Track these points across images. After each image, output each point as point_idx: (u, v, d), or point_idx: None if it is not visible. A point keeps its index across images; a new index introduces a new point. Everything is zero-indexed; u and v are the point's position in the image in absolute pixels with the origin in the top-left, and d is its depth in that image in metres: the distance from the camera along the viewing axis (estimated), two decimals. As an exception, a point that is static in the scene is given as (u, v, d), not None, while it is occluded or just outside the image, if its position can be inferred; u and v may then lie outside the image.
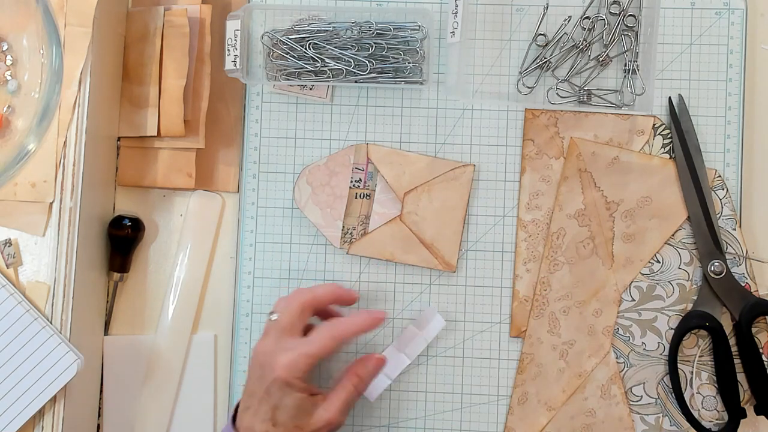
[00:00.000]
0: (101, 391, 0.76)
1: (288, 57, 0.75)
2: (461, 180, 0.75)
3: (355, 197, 0.76)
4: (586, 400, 0.74)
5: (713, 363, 0.74)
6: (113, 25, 0.74)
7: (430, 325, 0.74)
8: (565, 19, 0.75)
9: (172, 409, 0.76)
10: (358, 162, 0.76)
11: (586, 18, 0.75)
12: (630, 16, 0.75)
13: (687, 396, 0.73)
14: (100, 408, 0.76)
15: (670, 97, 0.75)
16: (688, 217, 0.74)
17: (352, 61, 0.74)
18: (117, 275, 0.75)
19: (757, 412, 0.73)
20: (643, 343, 0.74)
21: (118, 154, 0.77)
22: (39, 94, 0.65)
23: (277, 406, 0.65)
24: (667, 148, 0.75)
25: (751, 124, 0.76)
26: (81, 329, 0.70)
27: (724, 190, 0.74)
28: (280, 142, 0.77)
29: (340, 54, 0.74)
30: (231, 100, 0.78)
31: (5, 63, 0.69)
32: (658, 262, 0.74)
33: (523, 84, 0.76)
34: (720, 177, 0.74)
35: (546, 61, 0.75)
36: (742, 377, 0.73)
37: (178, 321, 0.76)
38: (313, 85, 0.76)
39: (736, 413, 0.72)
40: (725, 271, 0.73)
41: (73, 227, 0.68)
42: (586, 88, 0.75)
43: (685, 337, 0.73)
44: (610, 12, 0.75)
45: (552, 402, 0.74)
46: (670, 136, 0.75)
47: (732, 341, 0.73)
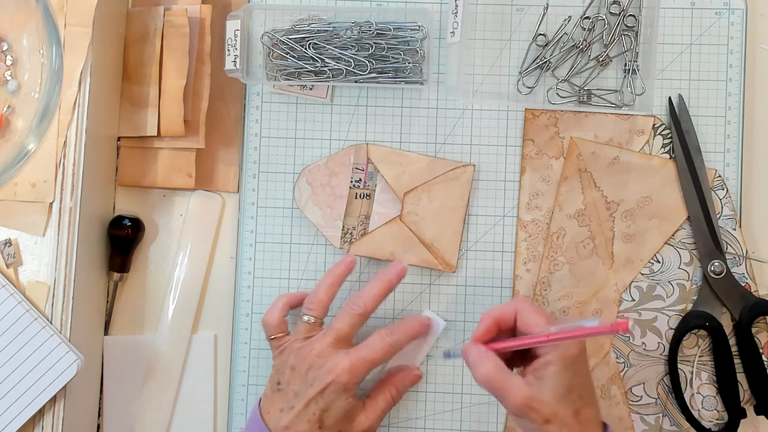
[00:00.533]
0: (101, 391, 0.76)
1: (288, 57, 0.75)
2: (461, 180, 0.75)
3: (355, 197, 0.76)
4: (586, 400, 0.74)
5: (713, 363, 0.74)
6: (113, 25, 0.74)
7: (432, 330, 0.74)
8: (565, 19, 0.75)
9: (172, 409, 0.76)
10: (358, 162, 0.76)
11: (586, 18, 0.75)
12: (630, 16, 0.75)
13: (687, 396, 0.73)
14: (100, 408, 0.76)
15: (670, 97, 0.75)
16: (688, 217, 0.74)
17: (352, 61, 0.74)
18: (117, 275, 0.75)
19: (757, 412, 0.73)
20: (643, 343, 0.74)
21: (118, 154, 0.77)
22: (39, 94, 0.65)
23: (327, 408, 0.66)
24: (667, 148, 0.75)
25: (751, 124, 0.76)
26: (81, 329, 0.70)
27: (724, 190, 0.74)
28: (280, 142, 0.77)
29: (340, 54, 0.74)
30: (231, 100, 0.78)
31: (5, 63, 0.69)
32: (658, 262, 0.74)
33: (523, 84, 0.76)
34: (720, 177, 0.74)
35: (546, 61, 0.75)
36: (742, 377, 0.73)
37: (178, 321, 0.76)
38: (313, 85, 0.76)
39: (736, 413, 0.72)
40: (725, 271, 0.73)
41: (73, 227, 0.68)
42: (586, 88, 0.75)
43: (685, 337, 0.73)
44: (610, 12, 0.75)
45: (552, 402, 0.74)
46: (670, 136, 0.75)
47: (732, 341, 0.73)
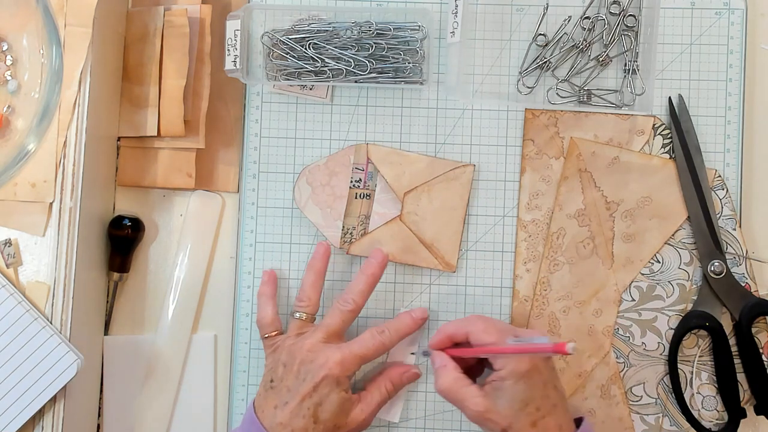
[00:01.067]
0: (101, 391, 0.76)
1: (288, 57, 0.75)
2: (461, 180, 0.75)
3: (355, 197, 0.76)
4: (586, 400, 0.74)
5: (713, 363, 0.74)
6: (113, 25, 0.74)
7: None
8: (565, 19, 0.75)
9: (172, 409, 0.76)
10: (358, 162, 0.76)
11: (586, 18, 0.75)
12: (630, 16, 0.75)
13: (687, 396, 0.73)
14: (100, 408, 0.76)
15: (670, 97, 0.75)
16: (688, 217, 0.74)
17: (352, 61, 0.74)
18: (117, 275, 0.75)
19: (757, 412, 0.73)
20: (643, 343, 0.74)
21: (118, 154, 0.77)
22: (39, 94, 0.65)
23: (321, 403, 0.66)
24: (667, 148, 0.75)
25: (751, 124, 0.76)
26: (81, 329, 0.70)
27: (724, 190, 0.74)
28: (280, 142, 0.77)
29: (340, 54, 0.74)
30: (231, 100, 0.78)
31: (5, 63, 0.69)
32: (658, 262, 0.74)
33: (523, 84, 0.76)
34: (720, 177, 0.74)
35: (546, 61, 0.75)
36: (742, 377, 0.73)
37: (178, 321, 0.76)
38: (313, 85, 0.76)
39: (736, 413, 0.72)
40: (725, 271, 0.73)
41: (73, 227, 0.68)
42: (586, 88, 0.75)
43: (685, 337, 0.73)
44: (610, 12, 0.75)
45: (552, 402, 0.74)
46: (670, 136, 0.75)
47: (732, 341, 0.73)
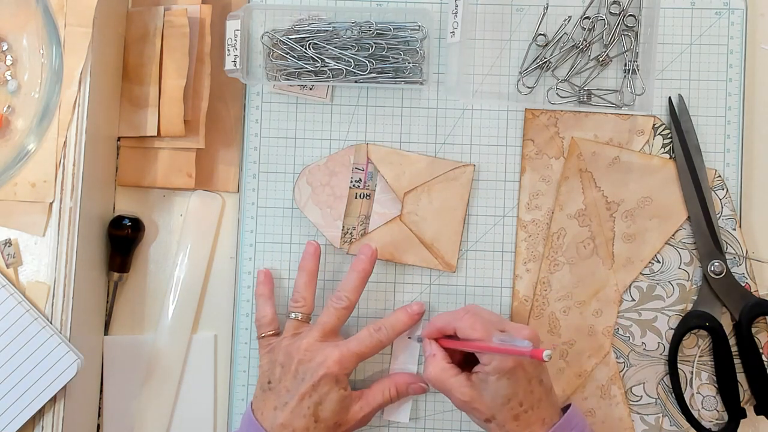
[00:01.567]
0: (101, 391, 0.76)
1: (288, 57, 0.75)
2: (461, 180, 0.75)
3: (355, 197, 0.76)
4: (586, 400, 0.74)
5: (713, 363, 0.74)
6: (113, 25, 0.74)
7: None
8: (565, 19, 0.75)
9: (172, 409, 0.75)
10: (358, 162, 0.76)
11: (586, 18, 0.75)
12: (630, 16, 0.75)
13: (687, 396, 0.73)
14: (100, 408, 0.76)
15: (670, 97, 0.75)
16: (688, 217, 0.74)
17: (352, 61, 0.74)
18: (117, 275, 0.75)
19: (757, 412, 0.73)
20: (643, 343, 0.74)
21: (118, 154, 0.77)
22: (39, 94, 0.65)
23: (321, 401, 0.67)
24: (667, 148, 0.75)
25: (751, 124, 0.76)
26: (81, 329, 0.70)
27: (724, 190, 0.74)
28: (280, 142, 0.77)
29: (340, 54, 0.74)
30: (231, 100, 0.78)
31: (5, 63, 0.69)
32: (658, 262, 0.74)
33: (523, 84, 0.76)
34: (720, 177, 0.74)
35: (546, 61, 0.75)
36: (742, 377, 0.73)
37: (178, 321, 0.76)
38: (313, 85, 0.76)
39: (736, 413, 0.72)
40: (725, 271, 0.73)
41: (73, 227, 0.68)
42: (586, 88, 0.75)
43: (685, 337, 0.73)
44: (610, 12, 0.75)
45: (552, 402, 0.74)
46: (670, 136, 0.75)
47: (732, 341, 0.73)
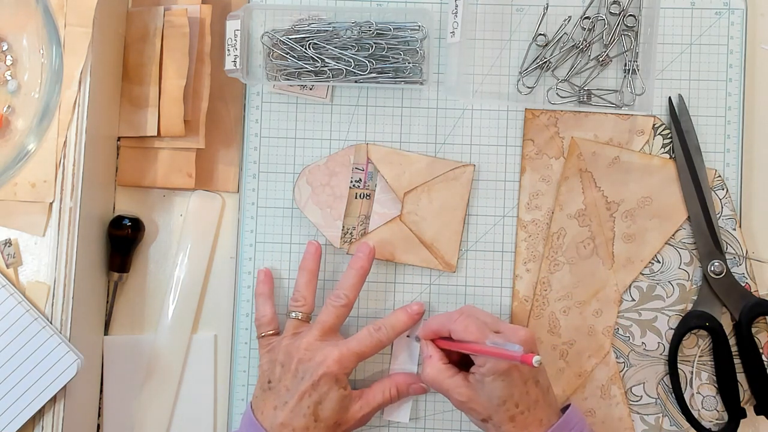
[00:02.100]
0: (101, 391, 0.76)
1: (288, 57, 0.75)
2: (461, 180, 0.75)
3: (355, 197, 0.76)
4: (586, 400, 0.74)
5: (713, 363, 0.74)
6: (113, 25, 0.74)
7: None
8: (565, 19, 0.75)
9: (172, 409, 0.75)
10: (358, 162, 0.76)
11: (586, 18, 0.75)
12: (630, 16, 0.75)
13: (687, 396, 0.73)
14: (100, 408, 0.76)
15: (670, 97, 0.75)
16: (688, 217, 0.74)
17: (352, 61, 0.74)
18: (117, 275, 0.75)
19: (757, 412, 0.73)
20: (643, 343, 0.74)
21: (118, 154, 0.77)
22: (39, 94, 0.65)
23: (320, 401, 0.67)
24: (667, 148, 0.75)
25: (751, 124, 0.76)
26: (81, 329, 0.70)
27: (724, 190, 0.74)
28: (280, 142, 0.77)
29: (340, 54, 0.74)
30: (231, 100, 0.78)
31: (5, 63, 0.69)
32: (658, 262, 0.74)
33: (523, 84, 0.76)
34: (720, 177, 0.74)
35: (546, 61, 0.75)
36: (742, 377, 0.73)
37: (178, 321, 0.76)
38: (313, 85, 0.76)
39: (736, 413, 0.72)
40: (725, 271, 0.73)
41: (73, 227, 0.68)
42: (586, 88, 0.75)
43: (685, 337, 0.73)
44: (610, 12, 0.75)
45: (552, 402, 0.74)
46: (670, 136, 0.75)
47: (732, 341, 0.73)
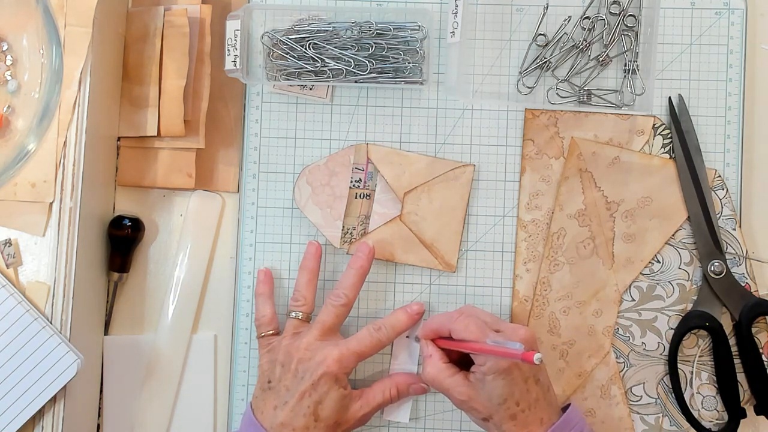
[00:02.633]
0: (101, 391, 0.76)
1: (288, 57, 0.75)
2: (461, 180, 0.75)
3: (355, 197, 0.76)
4: (586, 400, 0.74)
5: (713, 363, 0.74)
6: (113, 25, 0.74)
7: None
8: (565, 19, 0.75)
9: (172, 409, 0.75)
10: (358, 162, 0.76)
11: (586, 18, 0.75)
12: (630, 16, 0.75)
13: (687, 396, 0.73)
14: (100, 408, 0.76)
15: (670, 97, 0.75)
16: (688, 217, 0.74)
17: (352, 61, 0.74)
18: (117, 275, 0.75)
19: (757, 412, 0.73)
20: (643, 343, 0.74)
21: (118, 154, 0.77)
22: (39, 94, 0.65)
23: (321, 400, 0.67)
24: (667, 148, 0.75)
25: (751, 124, 0.76)
26: (81, 329, 0.70)
27: (724, 190, 0.74)
28: (280, 142, 0.77)
29: (340, 54, 0.74)
30: (231, 100, 0.78)
31: (5, 63, 0.69)
32: (658, 262, 0.74)
33: (523, 84, 0.76)
34: (720, 177, 0.74)
35: (546, 61, 0.75)
36: (742, 377, 0.73)
37: (178, 321, 0.76)
38: (313, 85, 0.76)
39: (736, 413, 0.72)
40: (725, 271, 0.73)
41: (73, 227, 0.68)
42: (586, 88, 0.75)
43: (685, 337, 0.73)
44: (610, 12, 0.75)
45: (552, 402, 0.74)
46: (670, 136, 0.75)
47: (732, 341, 0.73)
